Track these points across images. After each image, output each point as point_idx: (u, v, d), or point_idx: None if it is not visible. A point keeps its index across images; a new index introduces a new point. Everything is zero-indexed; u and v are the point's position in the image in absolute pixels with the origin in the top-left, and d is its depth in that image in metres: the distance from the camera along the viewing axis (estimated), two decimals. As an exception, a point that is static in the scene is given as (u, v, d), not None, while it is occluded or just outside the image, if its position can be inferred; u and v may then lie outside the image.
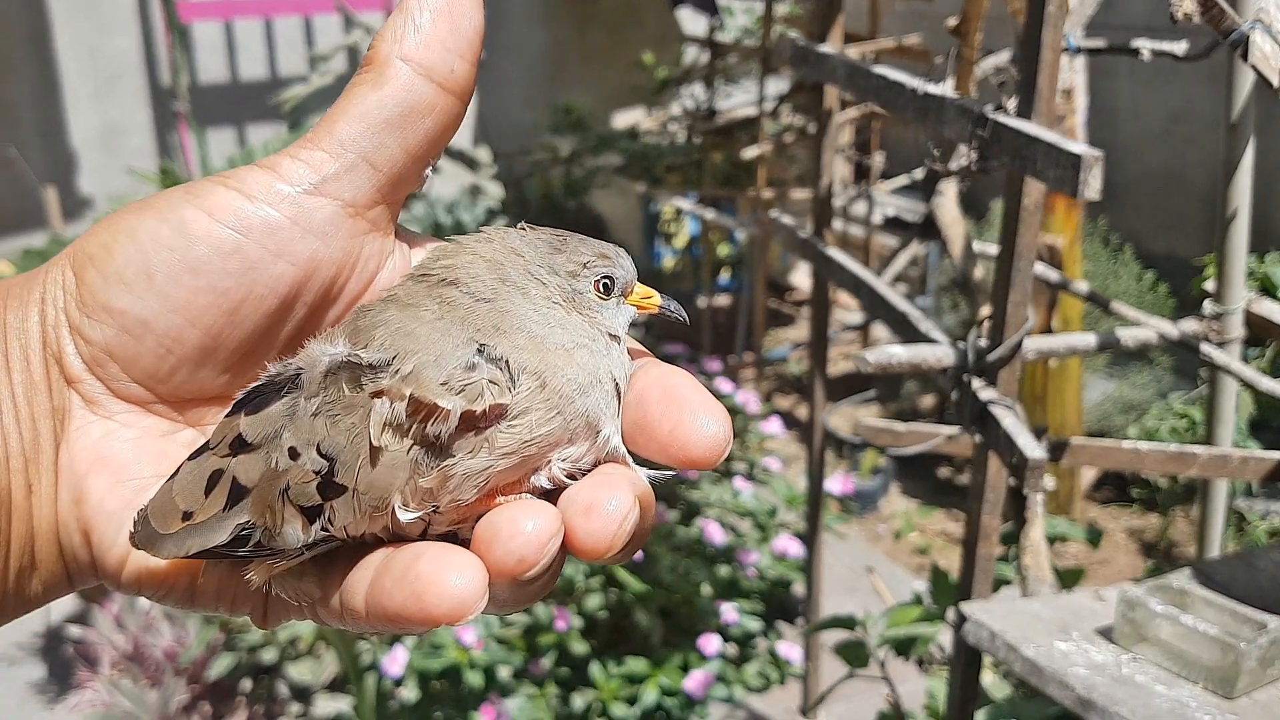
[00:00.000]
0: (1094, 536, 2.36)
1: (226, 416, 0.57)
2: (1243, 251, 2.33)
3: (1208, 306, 2.40)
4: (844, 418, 5.78)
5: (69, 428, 0.57)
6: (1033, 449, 1.43)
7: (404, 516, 0.52)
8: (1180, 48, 2.18)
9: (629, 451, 0.56)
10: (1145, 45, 2.20)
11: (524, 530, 0.50)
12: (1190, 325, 2.38)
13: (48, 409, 0.57)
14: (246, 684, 3.62)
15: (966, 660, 1.70)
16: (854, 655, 2.10)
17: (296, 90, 5.27)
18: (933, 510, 5.28)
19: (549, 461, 0.54)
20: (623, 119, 6.90)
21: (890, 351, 1.51)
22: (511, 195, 6.53)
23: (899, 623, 2.15)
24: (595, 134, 6.50)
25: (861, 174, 6.11)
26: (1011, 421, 1.48)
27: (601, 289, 0.59)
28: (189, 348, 0.57)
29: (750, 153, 5.42)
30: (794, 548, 4.07)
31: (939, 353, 1.55)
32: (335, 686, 3.69)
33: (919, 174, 5.40)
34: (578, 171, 6.50)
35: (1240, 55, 1.68)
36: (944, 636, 2.57)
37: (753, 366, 6.27)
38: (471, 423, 0.51)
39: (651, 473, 0.56)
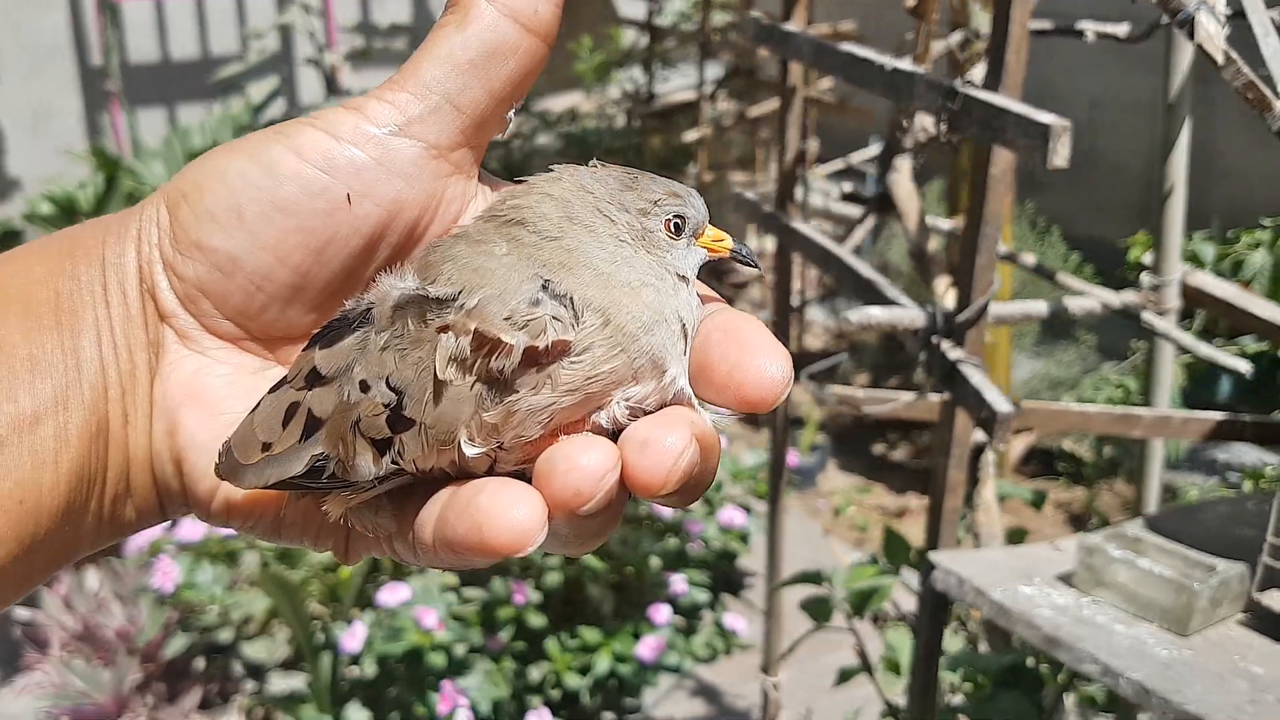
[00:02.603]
0: (1038, 499, 2.47)
1: (304, 350, 0.57)
2: (1179, 226, 2.46)
3: (1145, 278, 2.53)
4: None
5: (163, 361, 0.59)
6: (1001, 403, 1.52)
7: (469, 451, 0.53)
8: (1122, 30, 2.29)
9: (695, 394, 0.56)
10: (1090, 27, 2.31)
11: (581, 464, 0.50)
12: (1129, 296, 2.50)
13: (144, 342, 0.58)
14: (200, 663, 3.62)
15: (933, 609, 1.79)
16: (819, 611, 2.19)
17: (234, 67, 5.24)
18: (871, 486, 5.42)
19: (612, 401, 0.53)
20: (561, 102, 6.93)
21: (869, 312, 1.59)
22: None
23: (857, 579, 2.24)
24: (536, 115, 6.52)
25: (800, 157, 6.21)
26: (980, 378, 1.57)
27: (672, 228, 0.58)
28: (278, 285, 0.58)
29: (690, 136, 5.49)
30: (739, 518, 4.17)
31: (911, 315, 1.64)
32: (291, 665, 3.70)
33: (854, 158, 5.53)
34: (517, 154, 6.51)
35: (1186, 35, 1.78)
36: (898, 594, 2.67)
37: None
38: (534, 358, 0.51)
39: (716, 415, 0.55)
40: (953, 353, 1.63)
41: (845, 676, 2.20)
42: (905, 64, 1.69)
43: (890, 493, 5.40)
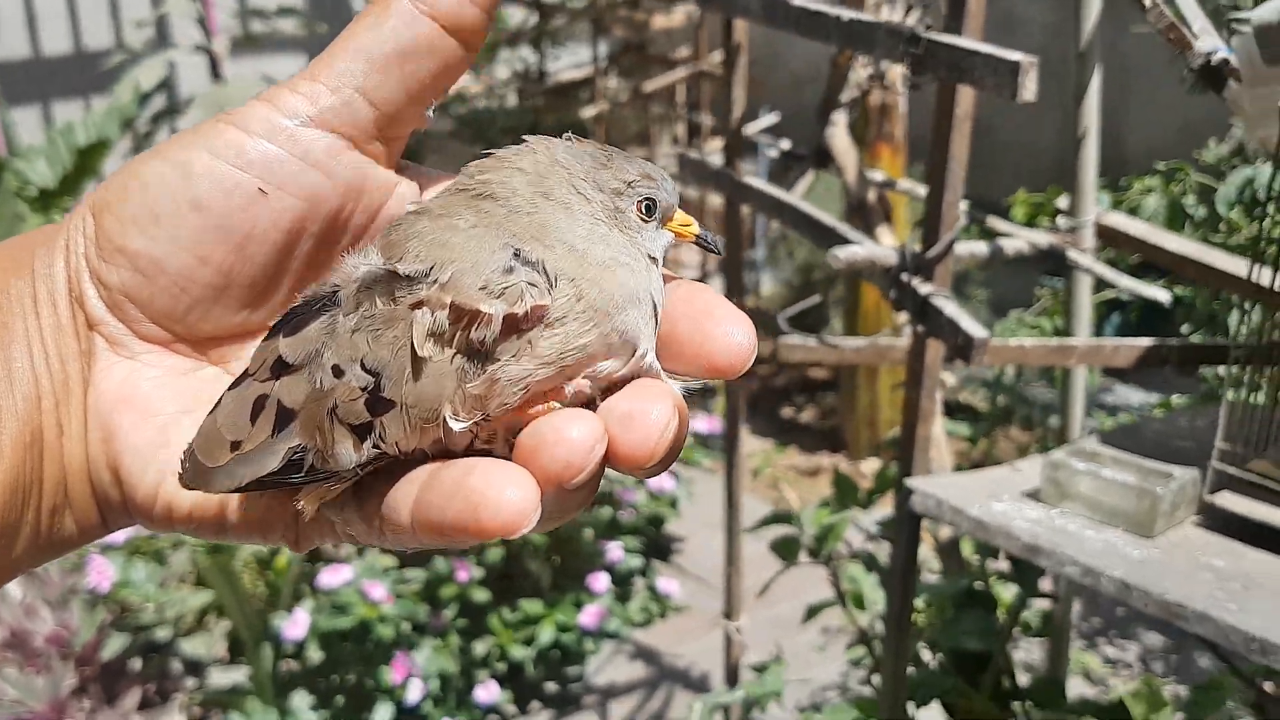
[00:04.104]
0: (975, 433, 2.59)
1: (264, 341, 0.56)
2: (1093, 170, 2.60)
3: (1062, 221, 2.67)
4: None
5: (95, 369, 0.59)
6: (977, 329, 1.62)
7: (456, 426, 0.52)
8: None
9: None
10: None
11: (570, 436, 0.50)
12: (1048, 237, 2.64)
13: (75, 351, 0.58)
14: (137, 663, 3.55)
15: (909, 531, 1.89)
16: (787, 549, 2.28)
17: (119, 57, 5.12)
18: (783, 448, 5.57)
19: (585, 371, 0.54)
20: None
21: (853, 250, 1.67)
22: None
23: (819, 519, 2.34)
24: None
25: (694, 131, 6.31)
26: (954, 309, 1.66)
27: (644, 210, 0.58)
28: (202, 285, 0.58)
29: (589, 111, 5.54)
30: (668, 483, 4.26)
31: (884, 252, 1.72)
32: (230, 660, 3.65)
33: (747, 130, 5.64)
34: (410, 140, 6.46)
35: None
36: (850, 535, 2.79)
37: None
38: (514, 325, 0.51)
39: (681, 384, 0.56)
40: (924, 287, 1.72)
41: (813, 611, 2.30)
42: (861, 14, 1.77)
43: (801, 453, 5.56)
